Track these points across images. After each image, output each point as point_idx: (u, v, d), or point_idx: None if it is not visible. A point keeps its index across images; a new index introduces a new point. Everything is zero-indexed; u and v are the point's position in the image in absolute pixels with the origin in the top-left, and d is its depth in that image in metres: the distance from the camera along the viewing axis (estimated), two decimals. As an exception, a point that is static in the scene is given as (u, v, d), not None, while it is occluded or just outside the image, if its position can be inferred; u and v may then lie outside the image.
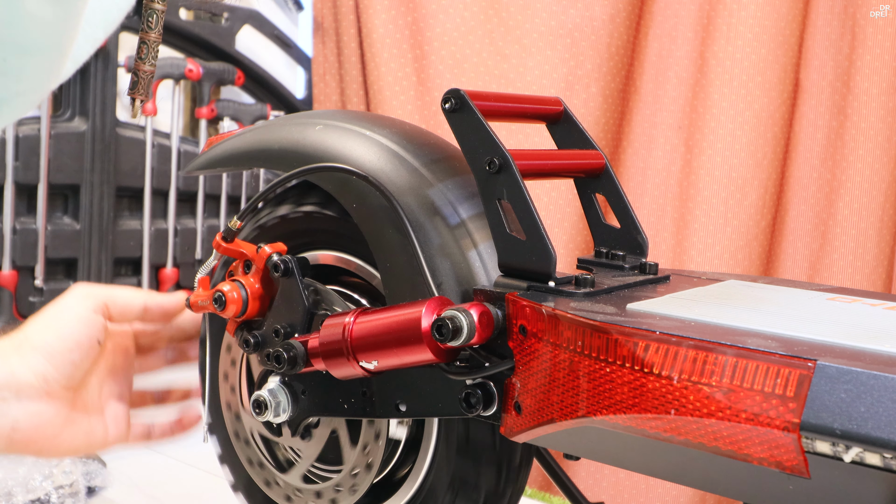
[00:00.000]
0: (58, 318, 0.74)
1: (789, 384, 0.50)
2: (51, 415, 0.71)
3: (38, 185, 1.68)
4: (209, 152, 0.88)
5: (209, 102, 1.89)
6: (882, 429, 0.46)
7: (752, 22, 1.56)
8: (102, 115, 1.73)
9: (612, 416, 0.57)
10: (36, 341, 0.72)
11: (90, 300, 0.75)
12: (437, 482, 0.76)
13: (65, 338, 0.72)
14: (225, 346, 0.86)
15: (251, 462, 0.85)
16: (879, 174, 1.50)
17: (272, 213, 0.85)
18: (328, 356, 0.70)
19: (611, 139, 1.74)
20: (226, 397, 0.87)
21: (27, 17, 0.42)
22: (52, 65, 0.47)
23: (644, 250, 0.79)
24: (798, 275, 1.60)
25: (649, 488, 1.67)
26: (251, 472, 0.85)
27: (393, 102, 1.80)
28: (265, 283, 0.77)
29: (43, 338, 0.72)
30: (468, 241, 0.72)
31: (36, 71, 0.46)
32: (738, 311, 0.63)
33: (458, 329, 0.63)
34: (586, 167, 0.79)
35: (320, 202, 0.81)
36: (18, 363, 0.70)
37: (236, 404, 0.86)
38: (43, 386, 0.71)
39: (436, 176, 0.75)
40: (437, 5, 1.76)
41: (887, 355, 0.51)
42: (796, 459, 0.50)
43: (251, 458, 0.85)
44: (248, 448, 0.85)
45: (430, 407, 0.69)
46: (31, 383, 0.70)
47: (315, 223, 0.81)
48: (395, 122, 0.81)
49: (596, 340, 0.58)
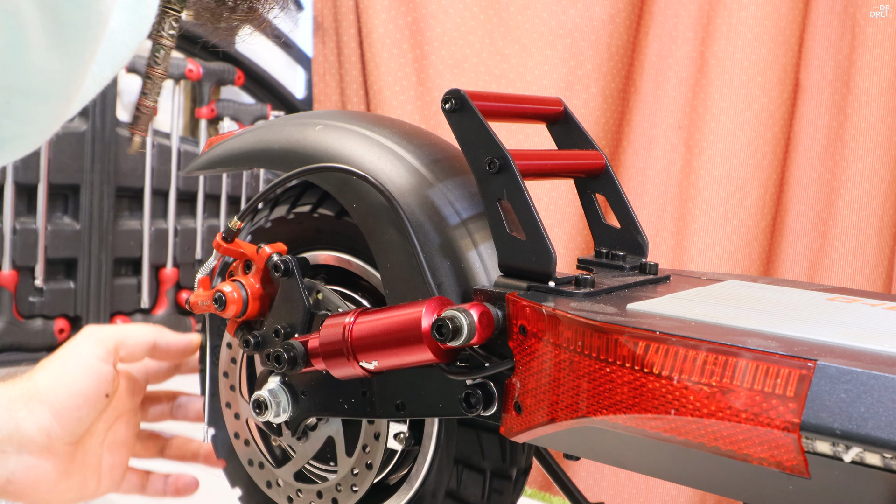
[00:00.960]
0: (67, 368, 0.74)
1: (789, 384, 0.50)
2: (48, 470, 0.72)
3: (38, 185, 1.68)
4: (209, 152, 0.88)
5: (209, 102, 1.89)
6: (882, 429, 0.46)
7: (752, 22, 1.56)
8: (102, 115, 1.73)
9: (612, 416, 0.57)
10: (45, 394, 0.72)
11: (100, 346, 0.76)
12: (436, 484, 0.76)
13: (73, 393, 0.73)
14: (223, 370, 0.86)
15: (250, 462, 0.85)
16: (879, 174, 1.50)
17: (272, 214, 0.85)
18: (328, 356, 0.70)
19: (611, 139, 1.74)
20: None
21: (33, 67, 0.42)
22: (57, 109, 0.46)
23: (644, 250, 0.79)
24: (798, 275, 1.60)
25: (649, 488, 1.67)
26: (252, 473, 0.85)
27: (393, 102, 1.80)
28: (265, 283, 0.77)
29: (52, 391, 0.72)
30: (468, 241, 0.72)
31: (41, 114, 0.46)
32: (738, 311, 0.63)
33: (459, 329, 0.63)
34: (586, 167, 0.79)
35: (320, 202, 0.81)
36: (25, 416, 0.71)
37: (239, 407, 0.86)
38: (46, 442, 0.71)
39: (436, 176, 0.75)
40: (437, 5, 1.76)
41: (887, 355, 0.51)
42: (796, 459, 0.50)
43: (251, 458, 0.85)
44: (248, 448, 0.85)
45: (430, 407, 0.69)
46: (34, 439, 0.71)
47: (315, 223, 0.81)
48: (395, 123, 0.81)
49: (596, 340, 0.58)
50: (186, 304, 0.82)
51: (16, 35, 0.39)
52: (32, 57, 0.41)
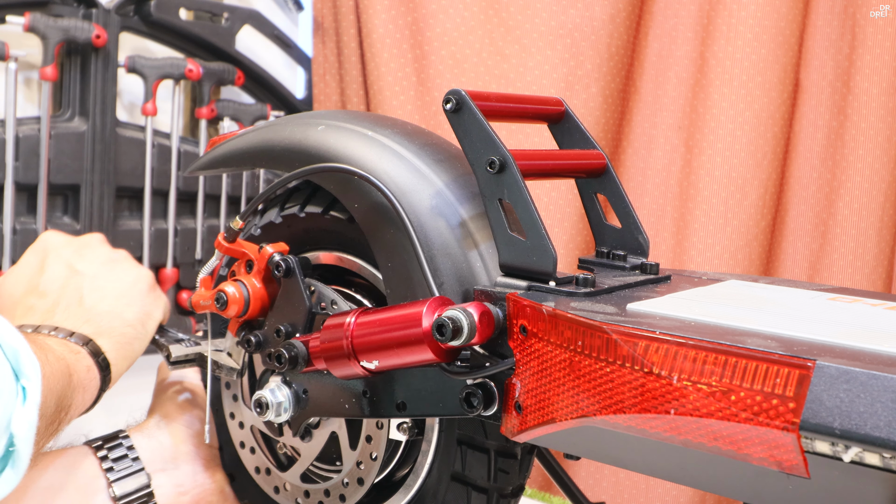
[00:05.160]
0: None
1: (789, 384, 0.50)
2: None
3: (38, 185, 1.68)
4: (211, 153, 0.88)
5: (209, 102, 1.89)
6: (881, 429, 0.46)
7: (752, 22, 1.56)
8: (102, 115, 1.73)
9: (612, 416, 0.57)
10: None
11: None
12: (438, 481, 0.76)
13: None
14: None
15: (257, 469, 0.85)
16: (879, 174, 1.50)
17: (273, 213, 0.85)
18: (329, 356, 0.71)
19: (611, 139, 1.75)
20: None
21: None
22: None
23: (645, 250, 0.79)
24: (798, 275, 1.60)
25: (649, 488, 1.67)
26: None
27: (393, 102, 1.80)
28: (267, 282, 0.78)
29: None
30: (469, 241, 0.72)
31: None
32: (738, 311, 0.63)
33: (459, 329, 0.63)
34: (587, 167, 0.79)
35: (322, 202, 0.81)
36: None
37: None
38: None
39: (437, 176, 0.75)
40: (437, 5, 1.76)
41: (887, 355, 0.51)
42: (796, 459, 0.50)
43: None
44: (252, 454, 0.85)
45: (430, 407, 0.70)
46: None
47: (316, 223, 0.81)
48: (396, 123, 0.81)
49: (597, 340, 0.58)
50: (188, 304, 0.83)
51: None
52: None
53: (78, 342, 0.79)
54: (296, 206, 0.82)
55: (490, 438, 0.74)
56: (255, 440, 0.86)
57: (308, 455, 0.82)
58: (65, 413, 0.72)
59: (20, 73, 1.66)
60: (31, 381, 0.64)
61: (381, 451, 0.76)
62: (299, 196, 0.82)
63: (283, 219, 0.82)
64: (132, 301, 0.87)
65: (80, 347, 0.79)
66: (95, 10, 1.68)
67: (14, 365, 0.64)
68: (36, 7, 1.63)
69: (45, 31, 1.60)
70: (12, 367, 0.64)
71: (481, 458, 0.75)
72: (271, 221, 0.83)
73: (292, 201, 0.82)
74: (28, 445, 0.64)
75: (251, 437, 0.86)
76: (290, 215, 0.82)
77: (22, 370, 0.64)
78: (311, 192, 0.82)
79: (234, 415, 0.87)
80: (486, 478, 0.75)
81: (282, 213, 0.82)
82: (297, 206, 0.82)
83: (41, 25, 1.60)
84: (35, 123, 1.68)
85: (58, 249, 0.91)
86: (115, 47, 1.73)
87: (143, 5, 1.76)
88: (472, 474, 0.75)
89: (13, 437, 0.63)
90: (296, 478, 0.83)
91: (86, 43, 1.66)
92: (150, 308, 0.89)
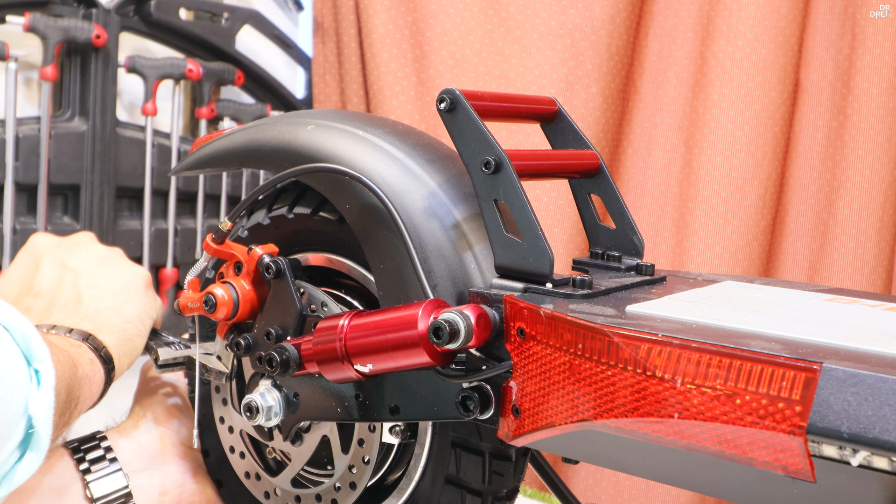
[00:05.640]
0: None
1: (795, 387, 0.49)
2: None
3: (38, 185, 1.67)
4: (198, 152, 0.87)
5: (209, 102, 1.89)
6: (891, 432, 0.46)
7: (752, 22, 1.55)
8: (102, 115, 1.73)
9: (613, 420, 0.57)
10: None
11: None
12: (432, 484, 0.76)
13: None
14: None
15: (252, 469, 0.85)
16: (879, 174, 1.49)
17: (261, 215, 0.84)
18: (322, 359, 0.70)
19: (611, 139, 1.74)
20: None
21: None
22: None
23: (640, 251, 0.78)
24: (798, 275, 1.60)
25: (649, 489, 1.67)
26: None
27: (393, 102, 1.80)
28: (256, 284, 0.76)
29: None
30: (464, 242, 0.72)
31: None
32: (738, 312, 0.62)
33: (456, 332, 0.62)
34: (581, 167, 0.79)
35: (311, 203, 0.80)
36: None
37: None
38: None
39: (431, 176, 0.74)
40: (437, 5, 1.76)
41: (892, 358, 0.51)
42: (801, 463, 0.49)
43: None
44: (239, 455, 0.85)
45: (425, 410, 0.69)
46: None
47: (305, 224, 0.80)
48: (388, 122, 0.80)
49: (597, 343, 0.57)
50: (175, 307, 0.82)
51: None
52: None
53: (78, 338, 0.79)
54: (284, 208, 0.80)
55: (485, 441, 0.73)
56: (244, 445, 0.85)
57: (299, 459, 0.80)
58: (75, 404, 0.72)
59: (20, 73, 1.66)
60: (44, 363, 0.64)
61: (373, 454, 0.75)
62: (287, 197, 0.81)
63: (271, 220, 0.81)
64: (130, 298, 0.87)
65: (81, 342, 0.78)
66: (95, 10, 1.68)
67: (25, 350, 0.64)
68: (36, 7, 1.63)
69: (45, 31, 1.60)
70: (23, 352, 0.63)
71: (476, 461, 0.74)
72: (259, 223, 0.81)
73: (280, 202, 0.81)
74: (47, 427, 0.63)
75: (240, 441, 0.85)
76: (278, 216, 0.81)
77: (34, 354, 0.64)
78: (299, 192, 0.80)
79: (224, 419, 0.86)
80: (481, 480, 0.74)
81: (270, 214, 0.81)
82: (286, 207, 0.80)
83: (41, 25, 1.60)
84: (35, 123, 1.68)
85: (50, 250, 0.90)
86: (115, 47, 1.72)
87: (143, 5, 1.76)
88: (466, 477, 0.74)
89: (32, 419, 0.63)
90: (286, 483, 0.81)
91: (86, 43, 1.66)
92: (148, 306, 0.88)
